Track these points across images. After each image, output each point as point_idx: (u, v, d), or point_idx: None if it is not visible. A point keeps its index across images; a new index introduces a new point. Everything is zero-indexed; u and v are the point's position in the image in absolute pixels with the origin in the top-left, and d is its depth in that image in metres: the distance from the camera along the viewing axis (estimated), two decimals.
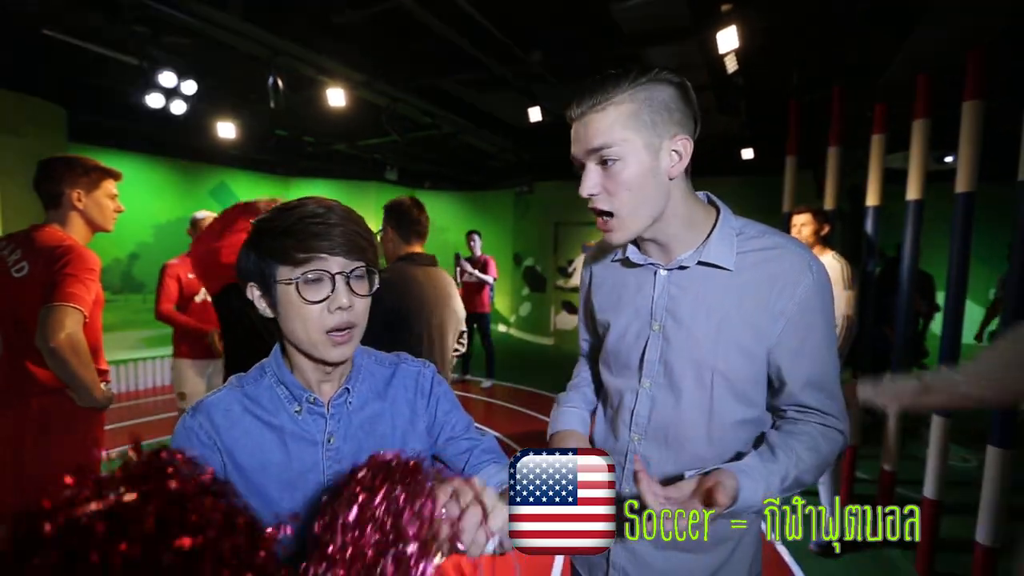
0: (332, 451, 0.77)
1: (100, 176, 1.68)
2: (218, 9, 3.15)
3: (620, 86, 0.78)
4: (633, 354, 0.93)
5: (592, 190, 0.82)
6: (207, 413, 0.75)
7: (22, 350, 1.50)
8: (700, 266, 0.86)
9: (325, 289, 0.72)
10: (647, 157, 0.79)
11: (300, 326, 0.72)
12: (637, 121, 0.78)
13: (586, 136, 0.80)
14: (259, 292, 0.75)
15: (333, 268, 0.72)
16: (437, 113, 5.23)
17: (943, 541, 2.51)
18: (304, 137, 6.49)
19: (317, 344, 0.73)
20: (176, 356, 3.01)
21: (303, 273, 0.71)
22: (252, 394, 0.77)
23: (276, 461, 0.75)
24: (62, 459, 1.54)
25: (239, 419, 0.75)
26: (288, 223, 0.71)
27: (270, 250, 0.72)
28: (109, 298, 6.04)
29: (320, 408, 0.78)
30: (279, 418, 0.76)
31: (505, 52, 3.92)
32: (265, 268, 0.73)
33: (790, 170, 3.68)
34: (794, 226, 2.83)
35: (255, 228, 0.75)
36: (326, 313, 0.72)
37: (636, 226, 0.84)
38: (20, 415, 1.52)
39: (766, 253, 0.85)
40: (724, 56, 3.08)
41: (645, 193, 0.81)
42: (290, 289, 0.71)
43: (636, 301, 0.93)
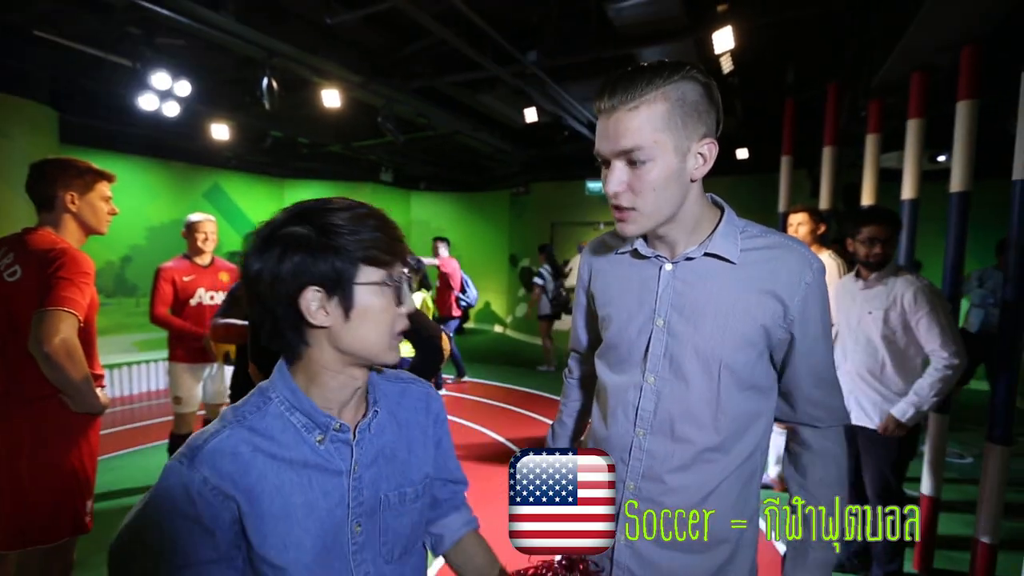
0: (356, 480, 0.71)
1: (94, 178, 1.65)
2: (212, 10, 3.13)
3: (654, 83, 0.76)
4: (636, 349, 0.92)
5: (617, 188, 0.81)
6: (213, 463, 0.63)
7: (16, 355, 1.48)
8: (706, 258, 0.87)
9: (407, 292, 0.70)
10: (675, 159, 0.79)
11: (374, 331, 0.67)
12: (669, 123, 0.77)
13: (616, 135, 0.78)
14: (322, 297, 0.65)
15: (403, 271, 0.70)
16: (432, 114, 5.22)
17: (942, 538, 2.53)
18: (298, 139, 6.46)
19: (384, 349, 0.69)
20: (171, 360, 2.98)
21: (393, 275, 0.68)
22: (259, 428, 0.67)
23: (300, 503, 0.66)
24: (58, 464, 1.52)
25: (250, 463, 0.65)
26: (359, 223, 0.66)
27: (348, 250, 0.64)
28: (102, 301, 5.96)
29: (346, 435, 0.71)
30: (300, 452, 0.68)
31: (500, 52, 3.92)
32: (342, 269, 0.64)
33: (785, 169, 3.70)
34: (791, 225, 2.85)
35: (308, 225, 0.65)
36: (398, 316, 0.70)
37: (653, 222, 0.84)
38: (15, 421, 1.49)
39: (769, 251, 0.86)
40: (720, 56, 3.08)
41: (669, 193, 0.81)
42: (375, 291, 0.67)
43: (640, 295, 0.93)
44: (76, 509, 1.55)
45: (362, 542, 0.71)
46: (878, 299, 2.14)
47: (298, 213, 0.67)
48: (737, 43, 2.91)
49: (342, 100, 4.23)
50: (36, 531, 1.48)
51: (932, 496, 2.45)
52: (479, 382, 6.05)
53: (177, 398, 2.96)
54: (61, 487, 1.51)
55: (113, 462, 3.68)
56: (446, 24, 3.40)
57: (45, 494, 1.49)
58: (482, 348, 8.30)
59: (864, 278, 2.20)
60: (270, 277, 0.64)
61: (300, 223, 0.65)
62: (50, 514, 1.49)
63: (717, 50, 2.92)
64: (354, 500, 0.70)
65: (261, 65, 3.59)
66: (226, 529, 0.63)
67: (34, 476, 1.48)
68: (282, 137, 6.30)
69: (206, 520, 0.62)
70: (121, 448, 3.95)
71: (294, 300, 0.65)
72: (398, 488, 0.75)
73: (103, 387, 1.66)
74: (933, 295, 2.04)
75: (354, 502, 0.70)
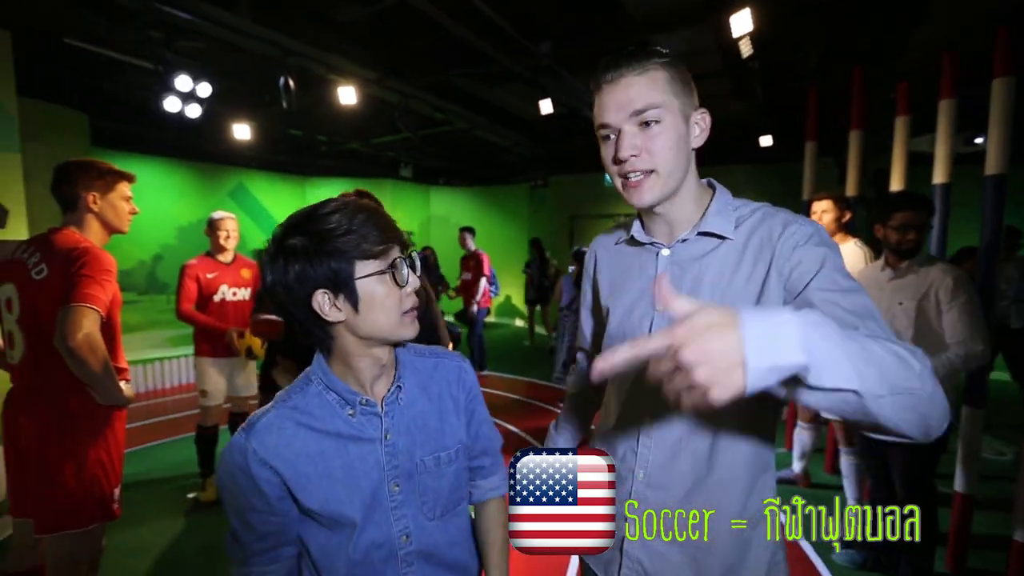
0: (389, 447, 0.81)
1: (115, 179, 1.71)
2: (226, 10, 3.19)
3: (652, 58, 0.81)
4: (637, 335, 0.91)
5: (632, 152, 0.81)
6: (260, 437, 0.76)
7: (44, 350, 1.54)
8: (701, 237, 0.87)
9: (406, 273, 0.77)
10: (682, 123, 0.82)
11: (383, 315, 0.75)
12: (674, 87, 0.81)
13: (627, 97, 0.80)
14: (330, 297, 0.74)
15: (399, 254, 0.77)
16: (448, 108, 5.22)
17: (976, 537, 2.43)
18: (318, 137, 6.56)
19: (397, 327, 0.77)
20: (197, 355, 3.07)
21: (388, 263, 0.75)
22: (302, 406, 0.79)
23: (339, 465, 0.78)
24: (85, 454, 1.59)
25: (294, 435, 0.77)
26: (347, 223, 0.72)
27: (342, 250, 0.72)
28: (135, 299, 6.25)
29: (374, 408, 0.81)
30: (334, 424, 0.79)
31: (514, 45, 3.89)
32: (339, 269, 0.72)
33: (809, 156, 3.57)
34: (814, 213, 2.75)
35: (302, 235, 0.72)
36: (404, 297, 0.77)
37: (667, 188, 0.84)
38: (44, 413, 1.56)
39: (760, 216, 0.86)
40: (739, 40, 2.99)
41: (680, 158, 0.82)
42: (375, 281, 0.74)
43: (639, 283, 0.93)
44: (103, 496, 1.61)
45: (401, 500, 0.81)
46: (909, 289, 2.05)
47: (293, 225, 0.74)
48: (756, 25, 2.81)
49: (358, 97, 4.26)
50: (66, 516, 1.55)
51: (965, 493, 2.35)
52: (499, 375, 6.07)
53: (203, 391, 3.06)
54: (88, 475, 1.58)
55: (145, 453, 3.83)
56: (458, 18, 3.39)
57: (73, 482, 1.55)
58: (503, 342, 8.32)
59: (893, 266, 2.11)
60: (282, 287, 0.74)
61: (296, 234, 0.73)
62: (78, 501, 1.56)
63: (735, 33, 2.83)
64: (389, 464, 0.81)
65: (277, 65, 3.64)
66: (274, 487, 0.76)
67: (63, 465, 1.55)
68: (302, 136, 6.40)
69: (256, 480, 0.75)
70: (154, 439, 4.10)
71: (307, 303, 0.74)
72: (433, 453, 0.85)
73: (128, 380, 1.72)
74: (970, 285, 1.95)
75: (389, 465, 0.81)
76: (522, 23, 3.66)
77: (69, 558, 1.58)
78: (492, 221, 9.90)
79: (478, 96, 5.43)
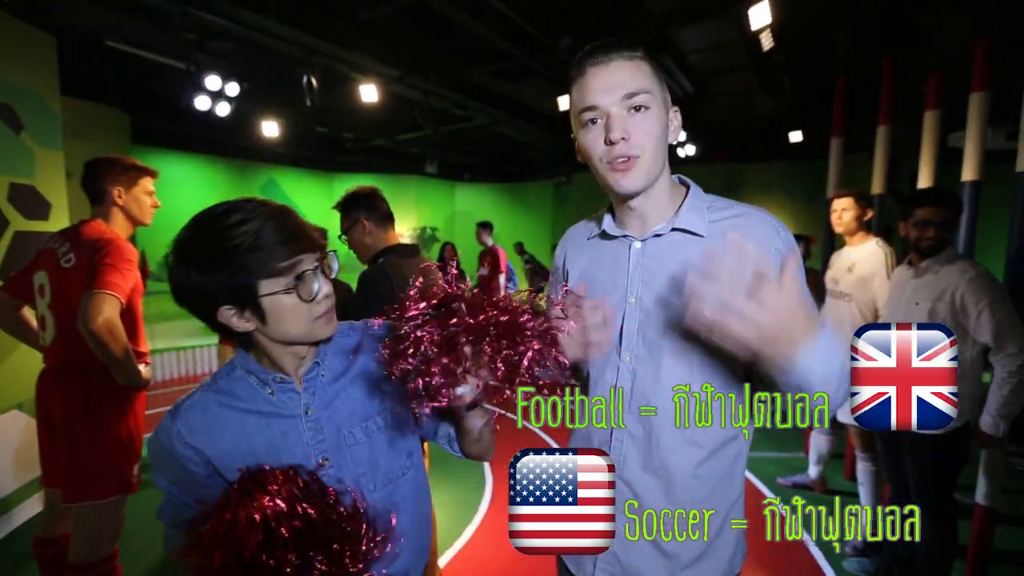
0: (312, 421, 0.82)
1: (138, 174, 1.81)
2: (256, 13, 3.31)
3: (636, 49, 0.82)
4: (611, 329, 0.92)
5: (623, 134, 0.81)
6: (184, 418, 0.79)
7: (73, 333, 1.66)
8: (675, 232, 0.87)
9: (313, 285, 0.74)
10: (664, 114, 0.83)
11: (294, 325, 0.75)
12: (656, 79, 0.83)
13: (619, 79, 0.80)
14: (234, 311, 0.72)
15: (309, 265, 0.74)
16: (469, 105, 5.27)
17: (998, 553, 2.31)
18: (344, 134, 6.72)
19: (311, 331, 0.77)
20: (221, 342, 3.22)
21: (294, 278, 0.72)
22: (226, 389, 0.81)
23: (262, 442, 0.79)
24: (107, 429, 1.70)
25: (217, 415, 0.79)
26: (250, 239, 0.69)
27: (245, 269, 0.69)
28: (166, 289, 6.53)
29: (290, 385, 0.82)
30: (255, 403, 0.81)
31: (534, 41, 3.89)
32: (243, 286, 0.70)
33: (835, 153, 3.45)
34: (834, 211, 2.66)
35: (205, 251, 0.70)
36: (314, 305, 0.75)
37: (650, 175, 0.84)
38: (71, 392, 1.68)
39: (735, 220, 0.86)
40: (759, 32, 2.91)
41: (661, 147, 0.84)
42: (281, 298, 0.72)
43: (612, 276, 0.93)
44: (123, 470, 1.73)
45: (333, 475, 0.81)
46: (927, 289, 1.95)
47: (196, 231, 0.71)
48: (776, 17, 2.73)
49: (381, 95, 4.35)
50: (89, 487, 1.66)
51: (987, 506, 2.24)
52: None
53: None
54: (109, 450, 1.69)
55: None
56: (477, 15, 3.42)
57: (96, 454, 1.67)
58: None
59: (915, 265, 2.02)
60: (186, 293, 0.72)
61: (199, 243, 0.70)
62: (100, 473, 1.68)
63: (754, 26, 2.76)
64: (313, 439, 0.82)
65: (302, 64, 3.76)
66: (199, 467, 0.79)
67: (86, 438, 1.66)
68: (328, 132, 6.57)
69: (182, 461, 0.79)
70: None
71: (214, 316, 0.73)
72: (362, 423, 0.85)
73: (147, 364, 1.82)
74: (991, 285, 1.83)
75: (314, 440, 0.82)
76: (542, 19, 3.66)
77: (94, 526, 1.70)
78: (516, 217, 9.93)
79: (498, 92, 5.45)
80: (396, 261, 1.75)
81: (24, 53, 2.83)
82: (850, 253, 2.61)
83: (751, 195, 7.05)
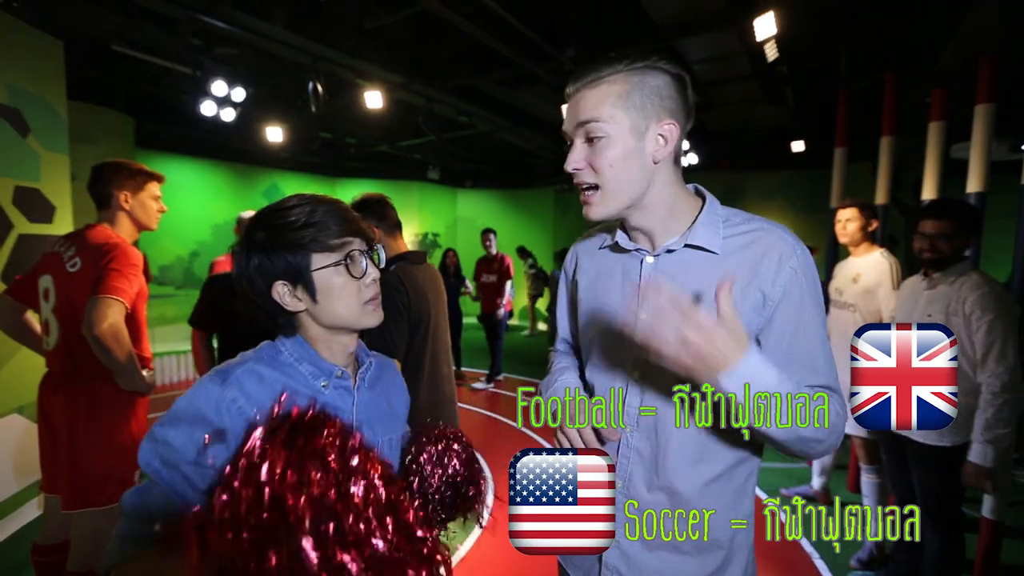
0: (357, 424, 0.82)
1: (144, 179, 1.81)
2: (262, 19, 3.33)
3: (614, 66, 0.80)
4: (620, 344, 0.91)
5: (576, 164, 0.83)
6: (240, 384, 0.71)
7: (77, 338, 1.65)
8: (687, 249, 0.86)
9: (362, 265, 0.78)
10: (632, 139, 0.80)
11: (343, 304, 0.77)
12: (626, 101, 0.79)
13: (576, 110, 0.82)
14: (289, 288, 0.76)
15: (360, 247, 0.79)
16: (472, 112, 5.29)
17: (1005, 567, 2.29)
18: (347, 139, 6.74)
19: (360, 315, 0.79)
20: None
21: (344, 256, 0.76)
22: (277, 366, 0.77)
23: None
24: (109, 435, 1.69)
25: (274, 386, 0.74)
26: (304, 218, 0.75)
27: (298, 244, 0.74)
28: (171, 293, 6.56)
29: (347, 382, 0.83)
30: (311, 390, 0.78)
31: (537, 50, 3.91)
32: (297, 261, 0.75)
33: (839, 163, 3.46)
34: (839, 221, 2.66)
35: (263, 230, 0.75)
36: (363, 287, 0.79)
37: (616, 203, 0.84)
38: (74, 396, 1.68)
39: (750, 235, 0.84)
40: (764, 43, 2.93)
41: (629, 173, 0.82)
42: (331, 272, 0.76)
43: (622, 289, 0.92)
44: (125, 477, 1.71)
45: None
46: (940, 301, 1.93)
47: (257, 218, 0.78)
48: (782, 29, 2.75)
49: (385, 101, 4.37)
50: (90, 494, 1.65)
51: (993, 519, 2.22)
52: (517, 378, 6.09)
53: None
54: (111, 456, 1.68)
55: None
56: (481, 24, 3.44)
57: (97, 460, 1.66)
58: (526, 345, 8.33)
59: (929, 276, 2.01)
60: (246, 279, 0.77)
61: (257, 228, 0.76)
62: (102, 479, 1.66)
63: (759, 37, 2.78)
64: None
65: (307, 70, 3.77)
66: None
67: (89, 444, 1.65)
68: (331, 138, 6.59)
69: (227, 433, 0.68)
70: None
71: (268, 293, 0.76)
72: (388, 434, 0.87)
73: (151, 369, 1.82)
74: (998, 302, 1.81)
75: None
76: (546, 28, 3.68)
77: (92, 534, 1.68)
78: (518, 224, 9.94)
79: (502, 100, 5.48)
80: (409, 268, 1.75)
81: (32, 57, 2.84)
82: (855, 264, 2.61)
83: (753, 203, 7.06)
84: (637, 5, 3.13)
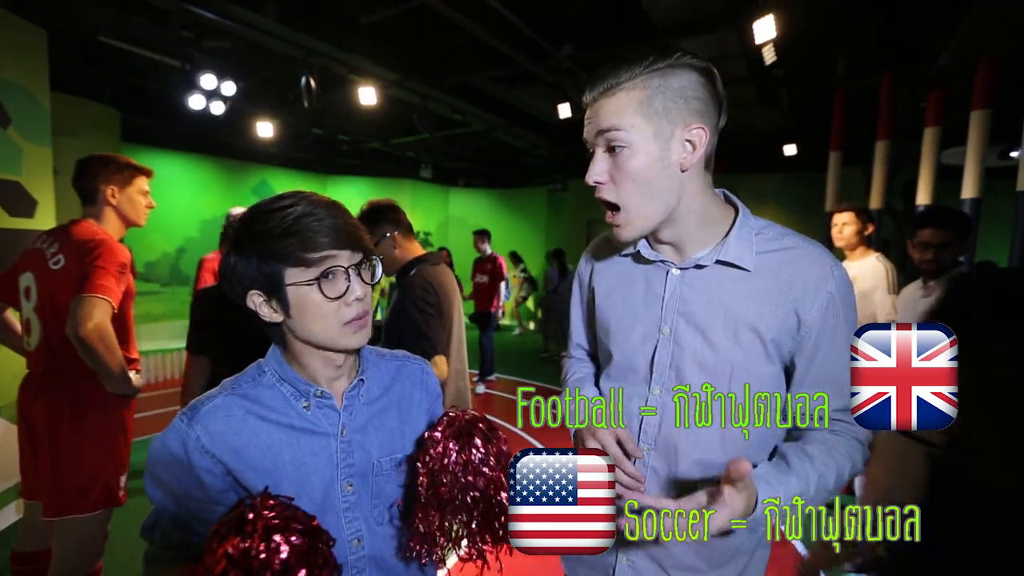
0: (345, 443, 0.77)
1: (133, 173, 1.75)
2: (254, 12, 3.26)
3: (633, 70, 0.74)
4: (640, 359, 0.87)
5: (598, 177, 0.78)
6: (205, 422, 0.71)
7: (60, 338, 1.59)
8: (718, 265, 0.82)
9: (342, 284, 0.71)
10: (655, 147, 0.75)
11: (319, 324, 0.71)
12: (648, 108, 0.74)
13: (595, 119, 0.78)
14: (263, 298, 0.71)
15: (344, 262, 0.71)
16: (468, 110, 5.25)
17: None
18: (339, 136, 6.66)
19: (337, 337, 0.72)
20: None
21: (320, 273, 0.69)
22: (252, 395, 0.74)
23: (288, 460, 0.73)
24: (94, 440, 1.63)
25: (243, 422, 0.72)
26: (285, 225, 0.67)
27: (274, 254, 0.68)
28: (158, 290, 6.43)
29: (330, 401, 0.77)
30: (287, 416, 0.75)
31: (535, 48, 3.88)
32: (271, 273, 0.69)
33: (833, 166, 3.48)
34: (835, 225, 2.67)
35: (244, 233, 0.70)
36: (343, 307, 0.71)
37: (645, 223, 0.79)
38: (57, 399, 1.61)
39: (786, 254, 0.80)
40: (762, 46, 2.92)
41: (654, 186, 0.76)
42: (305, 290, 0.69)
43: (644, 301, 0.88)
44: (110, 483, 1.65)
45: (353, 501, 0.77)
46: None
47: (243, 217, 0.71)
48: (780, 32, 2.75)
49: (379, 98, 4.31)
50: (73, 501, 1.59)
51: None
52: (512, 379, 6.06)
53: None
54: (96, 461, 1.62)
55: None
56: (479, 20, 3.40)
57: (82, 467, 1.59)
58: (517, 346, 8.30)
59: (926, 284, 2.02)
60: (225, 280, 0.73)
61: (241, 229, 0.71)
62: (86, 485, 1.60)
63: (758, 39, 2.77)
64: (343, 461, 0.76)
65: (300, 64, 3.70)
66: (216, 479, 0.71)
67: (73, 450, 1.59)
68: (323, 135, 6.51)
69: (197, 469, 0.70)
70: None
71: (244, 301, 0.72)
72: (391, 454, 0.81)
73: (138, 371, 1.75)
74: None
75: (343, 463, 0.76)
76: (543, 26, 3.65)
77: (76, 542, 1.62)
78: (510, 223, 9.91)
79: (497, 98, 5.44)
80: (430, 269, 1.78)
81: (14, 47, 2.75)
82: (850, 268, 2.62)
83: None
84: (637, 5, 3.11)
